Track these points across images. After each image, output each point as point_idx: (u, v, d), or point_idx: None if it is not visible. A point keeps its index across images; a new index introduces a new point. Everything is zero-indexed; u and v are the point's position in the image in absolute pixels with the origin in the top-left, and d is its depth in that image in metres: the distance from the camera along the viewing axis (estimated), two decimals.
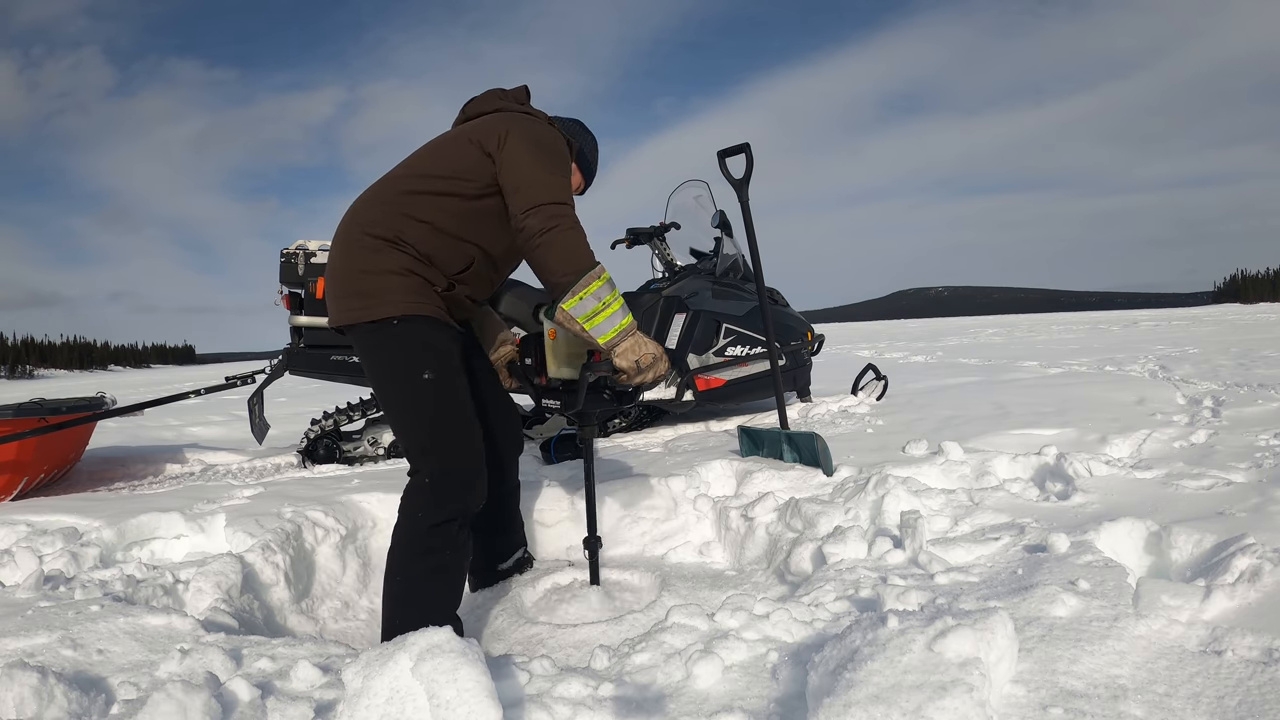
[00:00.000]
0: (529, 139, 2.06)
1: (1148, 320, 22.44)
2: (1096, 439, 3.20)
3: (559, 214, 1.97)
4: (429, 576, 1.97)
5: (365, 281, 2.02)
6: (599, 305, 1.96)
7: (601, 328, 1.98)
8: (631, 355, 2.03)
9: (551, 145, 2.09)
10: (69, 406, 3.62)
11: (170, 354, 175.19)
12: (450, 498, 1.98)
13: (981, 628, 1.22)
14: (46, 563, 2.19)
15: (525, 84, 2.30)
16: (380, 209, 2.08)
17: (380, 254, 2.02)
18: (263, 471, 4.03)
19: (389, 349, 2.01)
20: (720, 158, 3.41)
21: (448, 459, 1.99)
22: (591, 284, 1.95)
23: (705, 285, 4.49)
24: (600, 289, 1.96)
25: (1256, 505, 2.06)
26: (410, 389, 2.00)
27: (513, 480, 2.52)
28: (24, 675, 1.29)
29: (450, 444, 2.00)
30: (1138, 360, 7.30)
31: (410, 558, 1.97)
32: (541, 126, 2.14)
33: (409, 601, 1.95)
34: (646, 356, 2.04)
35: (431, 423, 2.00)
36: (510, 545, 2.56)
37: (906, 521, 2.10)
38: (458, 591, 2.05)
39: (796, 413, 4.30)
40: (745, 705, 1.31)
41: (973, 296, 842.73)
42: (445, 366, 2.02)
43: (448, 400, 2.01)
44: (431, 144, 2.19)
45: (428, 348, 2.01)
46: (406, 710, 1.17)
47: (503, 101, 2.24)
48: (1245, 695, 1.22)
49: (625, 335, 2.01)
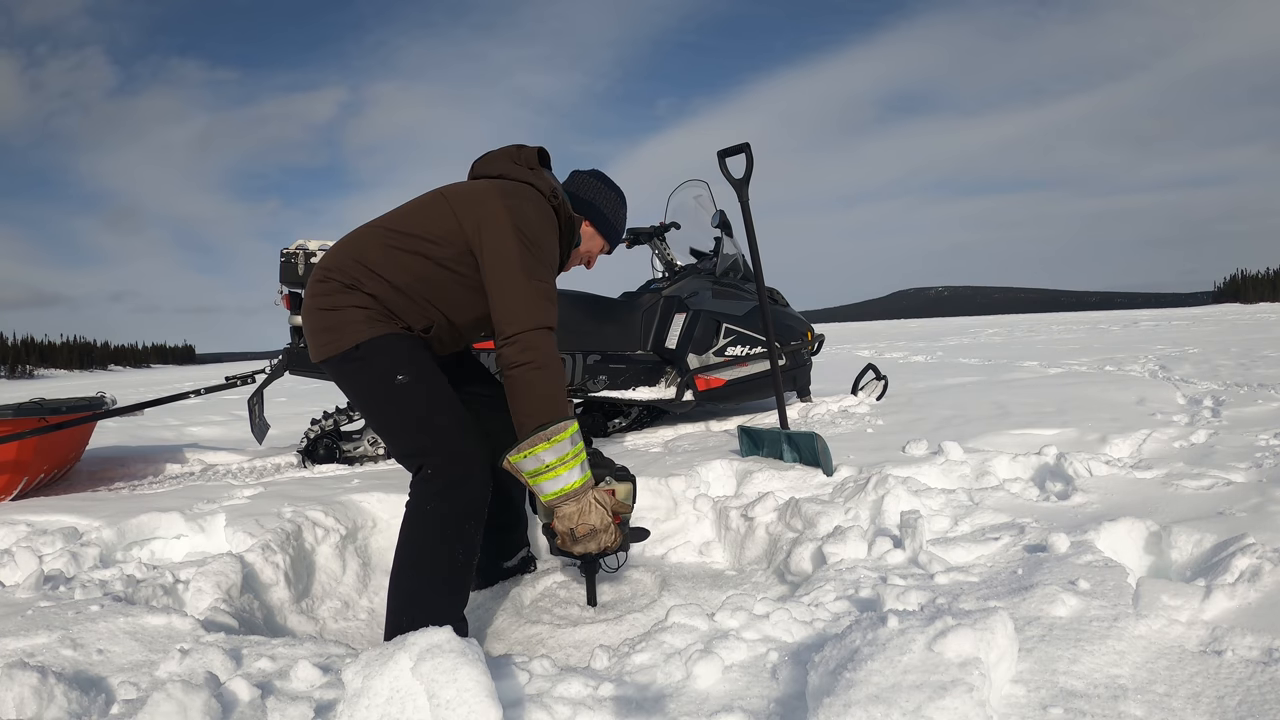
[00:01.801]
0: (518, 231, 2.00)
1: (1148, 320, 22.44)
2: (1096, 439, 3.20)
3: (535, 345, 1.92)
4: (440, 575, 1.91)
5: (329, 318, 2.04)
6: (542, 467, 1.90)
7: (544, 486, 1.93)
8: (567, 522, 1.96)
9: (538, 240, 2.03)
10: (69, 406, 3.62)
11: (170, 354, 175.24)
12: (457, 486, 1.93)
13: (981, 628, 1.22)
14: (46, 563, 2.19)
15: (544, 146, 2.25)
16: (345, 258, 2.09)
17: (341, 294, 2.05)
18: (263, 471, 4.03)
19: (358, 371, 2.03)
20: (720, 157, 3.41)
21: (446, 450, 1.96)
22: (539, 445, 1.88)
23: (705, 285, 4.50)
24: (552, 449, 1.88)
25: (1256, 505, 2.06)
26: (389, 395, 1.99)
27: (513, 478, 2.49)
28: (24, 675, 1.29)
29: (443, 436, 1.97)
30: (1138, 360, 7.30)
31: (421, 555, 1.91)
32: (534, 210, 2.07)
33: (417, 603, 1.90)
34: (583, 528, 1.96)
35: (419, 421, 1.98)
36: (515, 543, 2.55)
37: (906, 521, 2.10)
38: (466, 591, 2.00)
39: (796, 413, 4.30)
40: (745, 705, 1.31)
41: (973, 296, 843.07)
42: (418, 366, 2.01)
43: (428, 396, 1.99)
44: (414, 201, 2.18)
45: (394, 355, 2.00)
46: (406, 710, 1.17)
47: (510, 165, 2.19)
48: (1245, 695, 1.21)
49: (568, 499, 1.94)
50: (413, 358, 2.03)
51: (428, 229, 2.06)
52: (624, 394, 4.25)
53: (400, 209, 2.17)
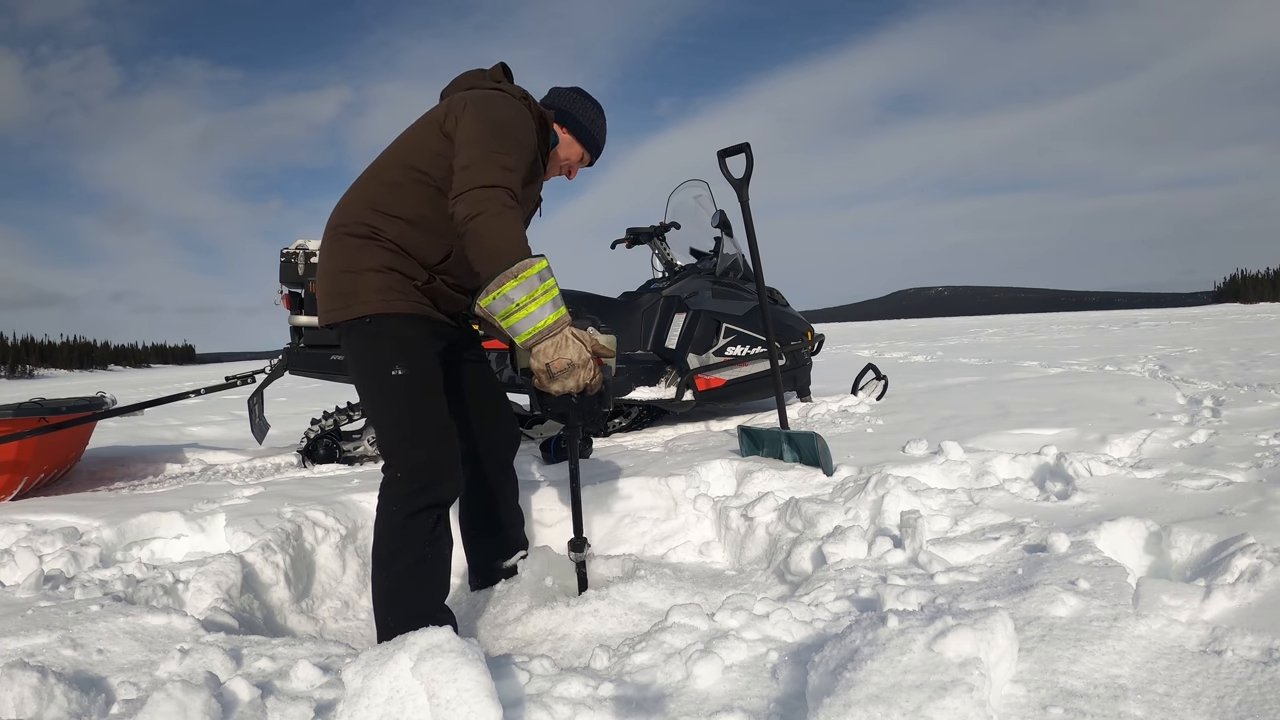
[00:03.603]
0: (482, 114, 1.99)
1: (1148, 320, 22.44)
2: (1096, 439, 3.20)
3: (486, 198, 1.84)
4: (410, 571, 1.97)
5: (344, 281, 2.04)
6: (512, 306, 1.82)
7: (518, 327, 1.84)
8: (544, 357, 1.86)
9: (506, 121, 2.00)
10: (69, 406, 3.62)
11: (170, 354, 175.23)
12: (421, 490, 1.97)
13: (981, 628, 1.22)
14: (46, 563, 2.19)
15: (503, 61, 2.25)
16: (356, 207, 2.09)
17: (360, 252, 2.04)
18: (263, 471, 4.03)
19: (362, 346, 2.04)
20: (720, 157, 3.41)
21: (418, 452, 1.99)
22: (505, 284, 1.80)
23: (705, 285, 4.49)
24: (520, 286, 1.80)
25: (1256, 505, 2.06)
26: (381, 385, 2.01)
27: (509, 477, 2.49)
28: (24, 675, 1.29)
29: (420, 438, 1.99)
30: (1138, 360, 7.30)
31: (388, 554, 1.98)
32: (503, 101, 2.07)
33: (395, 600, 1.97)
34: (560, 362, 1.86)
35: (402, 418, 2.00)
36: (511, 544, 2.55)
37: (906, 521, 2.10)
38: (442, 582, 2.05)
39: (796, 412, 4.30)
40: (745, 705, 1.31)
41: (973, 296, 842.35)
42: (417, 362, 2.02)
43: (418, 395, 2.01)
44: (405, 133, 2.19)
45: (399, 344, 2.01)
46: (406, 710, 1.17)
47: (478, 80, 2.21)
48: (1245, 695, 1.21)
49: (545, 335, 1.85)
50: (417, 350, 2.03)
51: (421, 155, 2.07)
52: (624, 394, 4.25)
53: (393, 144, 2.18)
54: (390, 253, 2.04)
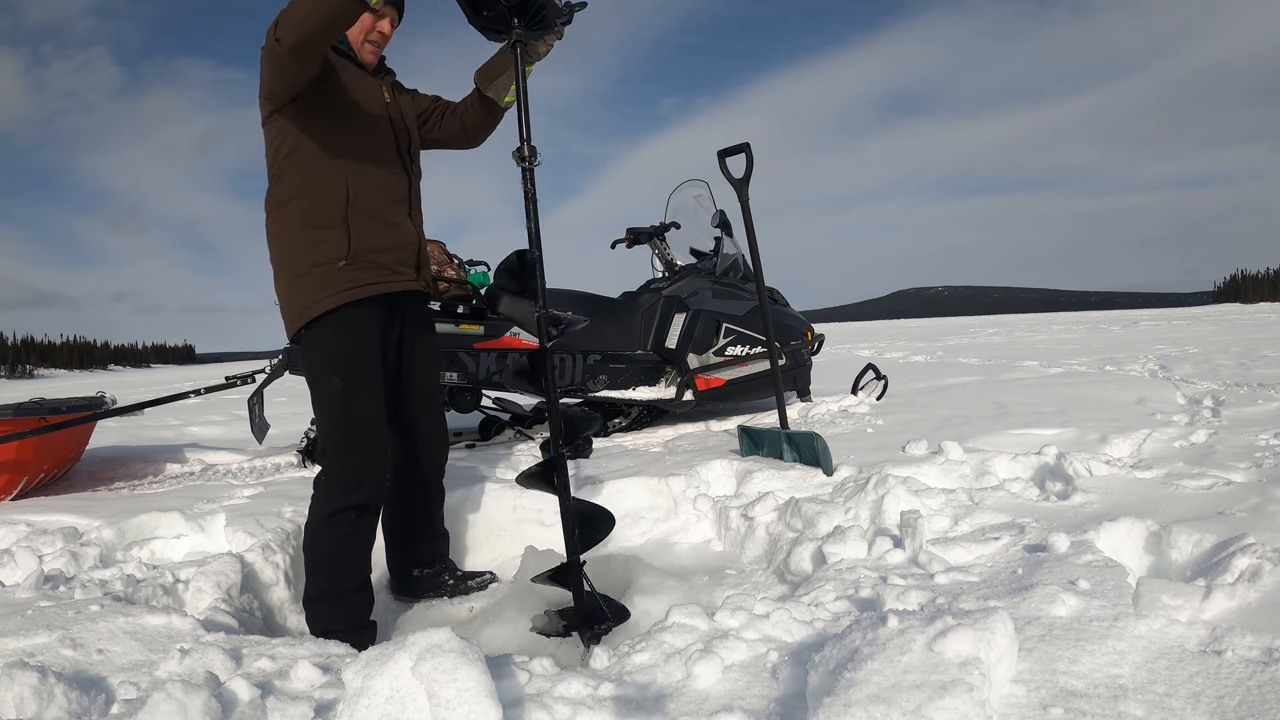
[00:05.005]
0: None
1: (1148, 320, 22.44)
2: (1096, 439, 3.20)
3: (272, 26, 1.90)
4: (332, 554, 2.15)
5: (281, 298, 2.22)
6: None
7: None
8: None
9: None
10: (69, 406, 3.62)
11: (170, 354, 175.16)
12: (341, 494, 2.14)
13: (981, 627, 1.22)
14: (46, 563, 2.19)
15: None
16: (267, 226, 2.25)
17: (281, 266, 2.19)
18: (263, 471, 4.03)
19: (307, 355, 2.21)
20: (720, 157, 3.41)
21: (342, 459, 2.15)
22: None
23: (705, 285, 4.49)
24: None
25: (1256, 505, 2.07)
26: (317, 394, 2.19)
27: (429, 480, 2.48)
28: (24, 675, 1.29)
29: (347, 446, 2.15)
30: (1138, 360, 7.30)
31: (314, 540, 2.17)
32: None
33: (322, 572, 2.15)
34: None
35: (333, 424, 2.16)
36: (428, 553, 2.50)
37: (906, 521, 2.10)
38: (363, 561, 2.21)
39: (796, 412, 4.30)
40: (745, 705, 1.31)
41: (973, 296, 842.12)
42: (352, 370, 2.15)
43: (350, 404, 2.15)
44: None
45: (334, 353, 2.15)
46: (406, 710, 1.17)
47: None
48: (1245, 695, 1.22)
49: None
50: (349, 358, 2.15)
51: (269, 143, 2.19)
52: (624, 394, 4.25)
53: None
54: (303, 245, 2.14)
